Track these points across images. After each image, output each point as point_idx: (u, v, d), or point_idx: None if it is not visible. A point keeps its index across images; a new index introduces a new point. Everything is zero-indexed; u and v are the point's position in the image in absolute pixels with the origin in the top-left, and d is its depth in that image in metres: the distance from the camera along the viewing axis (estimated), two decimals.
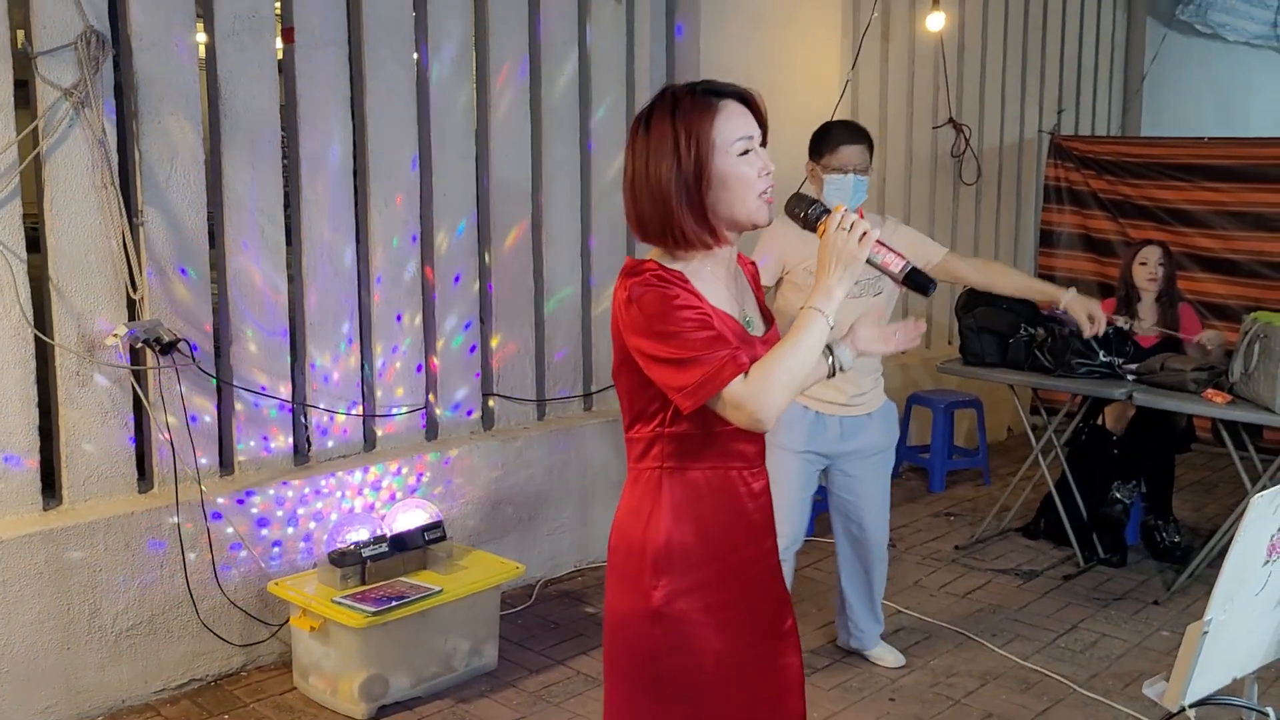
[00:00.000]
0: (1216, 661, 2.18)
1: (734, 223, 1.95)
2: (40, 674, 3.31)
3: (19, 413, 3.30)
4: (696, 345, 1.83)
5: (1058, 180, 6.71)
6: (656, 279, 1.88)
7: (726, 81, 1.97)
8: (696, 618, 1.95)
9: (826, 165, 3.46)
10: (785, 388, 1.81)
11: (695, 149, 1.88)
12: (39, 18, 3.24)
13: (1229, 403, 4.13)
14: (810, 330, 1.84)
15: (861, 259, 1.86)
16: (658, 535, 1.94)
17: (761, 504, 2.04)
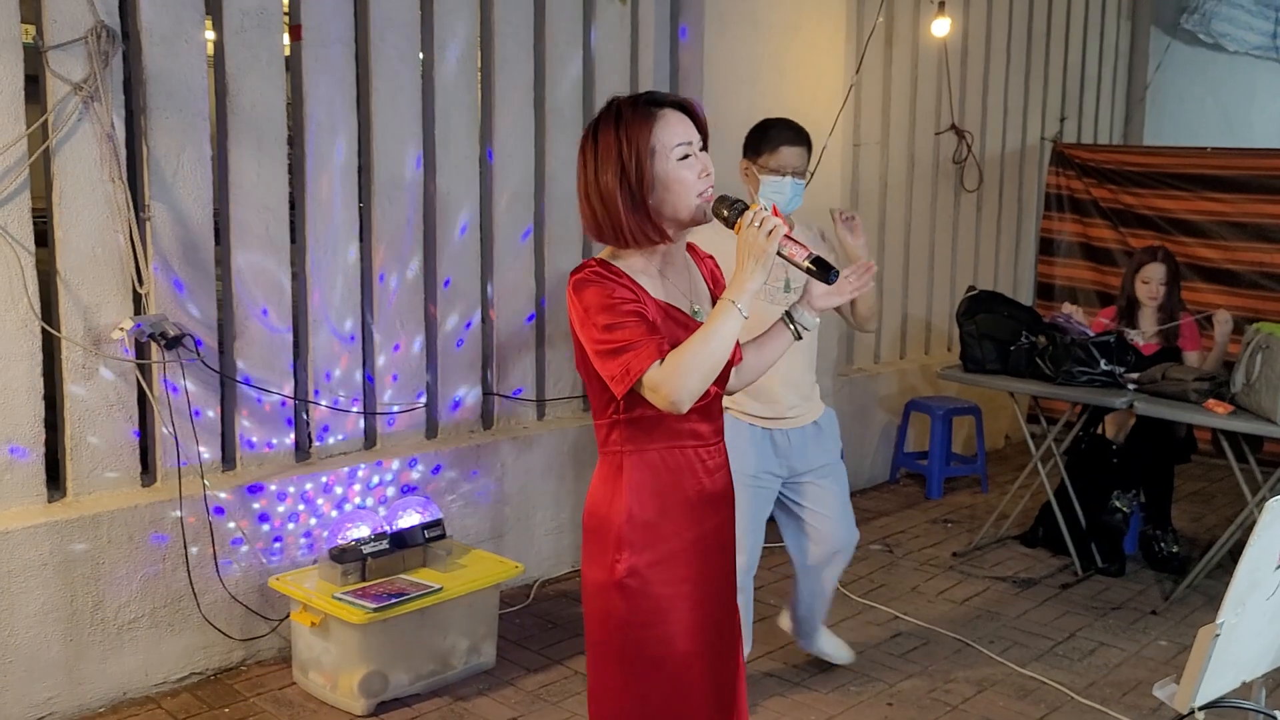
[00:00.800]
0: (1227, 664, 2.19)
1: (677, 221, 2.10)
2: (43, 665, 3.33)
3: (25, 405, 3.31)
4: (626, 335, 1.99)
5: (1059, 188, 6.73)
6: (595, 275, 2.05)
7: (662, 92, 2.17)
8: (661, 590, 2.09)
9: (764, 165, 3.30)
10: (695, 373, 1.96)
11: (637, 156, 2.04)
12: (50, 12, 3.25)
13: (1230, 413, 4.14)
14: (723, 320, 1.98)
15: (771, 252, 1.99)
16: (620, 513, 2.09)
17: (719, 478, 2.18)
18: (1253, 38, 8.55)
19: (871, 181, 5.96)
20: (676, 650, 2.12)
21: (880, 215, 6.06)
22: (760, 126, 3.39)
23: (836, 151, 5.37)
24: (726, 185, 5.20)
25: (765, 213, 2.02)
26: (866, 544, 5.10)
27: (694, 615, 2.13)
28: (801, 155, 3.32)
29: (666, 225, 2.09)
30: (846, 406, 5.74)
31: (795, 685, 3.74)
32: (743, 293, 1.99)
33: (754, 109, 5.06)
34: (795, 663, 3.90)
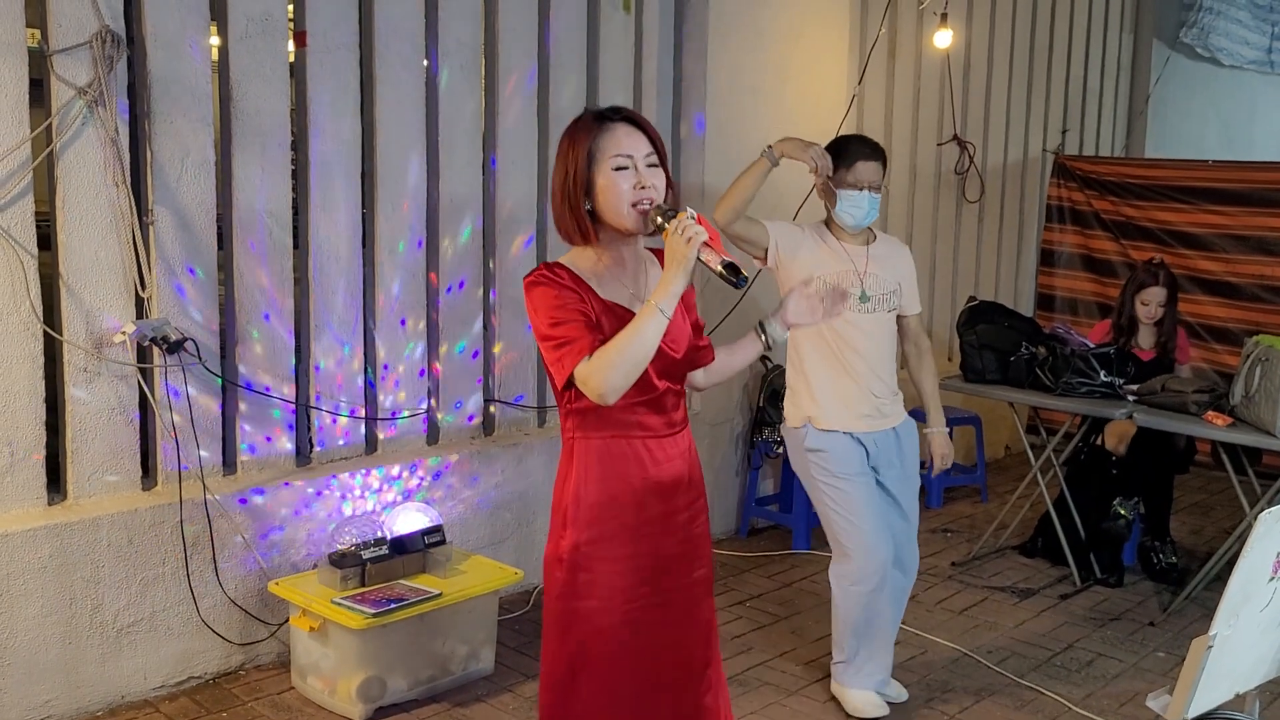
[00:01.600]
0: (1220, 676, 2.19)
1: (615, 227, 2.24)
2: (42, 668, 3.33)
3: (26, 407, 3.32)
4: (564, 332, 2.17)
5: (1060, 200, 6.74)
6: (543, 277, 2.23)
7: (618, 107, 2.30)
8: (601, 565, 2.25)
9: (841, 180, 3.43)
10: (618, 368, 2.11)
11: (578, 161, 2.22)
12: (54, 16, 3.27)
13: (1229, 425, 4.15)
14: (645, 322, 2.12)
15: (691, 258, 2.10)
16: (570, 494, 2.27)
17: (669, 468, 2.30)
18: (1249, 52, 8.58)
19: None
20: (609, 622, 2.25)
21: (882, 225, 6.06)
22: (839, 142, 3.53)
23: None
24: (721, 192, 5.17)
25: (689, 221, 2.11)
26: None
27: (633, 593, 2.26)
28: (877, 170, 3.45)
29: (607, 230, 2.25)
30: None
31: (792, 694, 3.74)
32: (664, 295, 2.12)
33: (757, 118, 5.10)
34: (793, 671, 3.90)
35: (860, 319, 3.47)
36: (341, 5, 3.87)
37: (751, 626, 4.26)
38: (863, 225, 3.50)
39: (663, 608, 2.30)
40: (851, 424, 3.48)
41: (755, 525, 5.34)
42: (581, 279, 2.23)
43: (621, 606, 2.26)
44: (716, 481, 5.21)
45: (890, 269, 3.55)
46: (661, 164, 2.27)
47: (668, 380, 2.29)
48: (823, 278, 3.36)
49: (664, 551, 2.30)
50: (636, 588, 2.27)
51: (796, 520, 5.13)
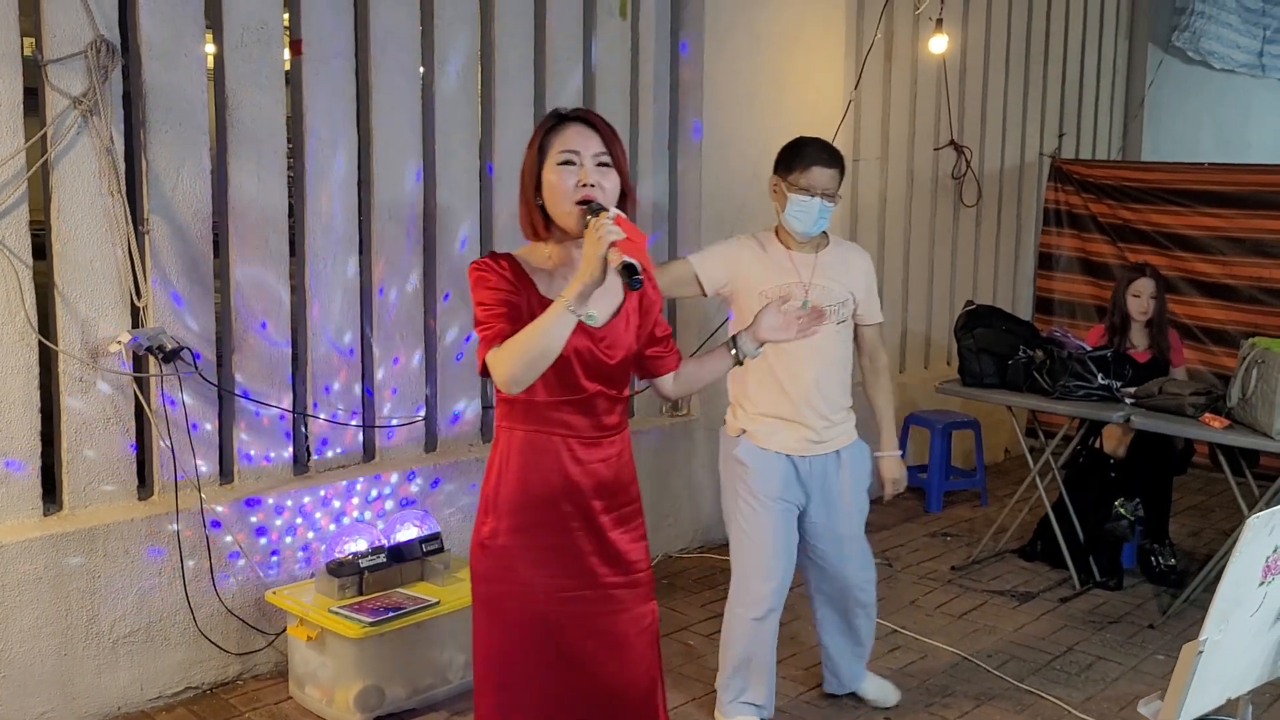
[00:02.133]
0: (1211, 681, 2.18)
1: (560, 225, 2.30)
2: (37, 679, 3.32)
3: (21, 418, 3.31)
4: (487, 318, 2.24)
5: (1057, 204, 6.75)
6: (484, 264, 2.29)
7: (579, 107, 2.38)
8: (514, 553, 2.31)
9: (794, 184, 3.24)
10: (520, 360, 2.16)
11: (531, 156, 2.32)
12: (49, 26, 3.26)
13: (1226, 427, 4.15)
14: (551, 317, 2.15)
15: (600, 257, 2.12)
16: (493, 481, 2.35)
17: (593, 469, 2.33)
18: (1239, 55, 8.60)
19: (870, 196, 5.97)
20: (522, 608, 2.31)
21: (879, 230, 6.07)
22: (794, 145, 3.34)
23: None
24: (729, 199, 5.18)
25: (607, 221, 2.14)
26: None
27: (550, 583, 2.31)
28: (833, 178, 3.26)
29: (556, 229, 2.31)
30: None
31: (792, 699, 3.73)
32: (572, 293, 2.14)
33: (753, 123, 5.10)
34: (792, 676, 3.89)
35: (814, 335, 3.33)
36: (337, 13, 3.87)
37: None
38: (812, 233, 3.28)
39: (584, 604, 2.33)
40: (786, 445, 3.31)
41: None
42: (525, 273, 2.29)
43: (538, 595, 2.31)
44: (715, 487, 5.18)
45: (841, 278, 3.34)
46: (617, 166, 2.30)
47: (600, 384, 2.31)
48: (763, 293, 3.21)
49: (583, 551, 2.34)
50: (554, 579, 2.32)
51: None
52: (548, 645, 2.33)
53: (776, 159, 3.35)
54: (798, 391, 3.30)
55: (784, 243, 3.35)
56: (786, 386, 3.30)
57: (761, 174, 5.15)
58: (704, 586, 4.71)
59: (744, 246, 3.36)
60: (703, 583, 4.76)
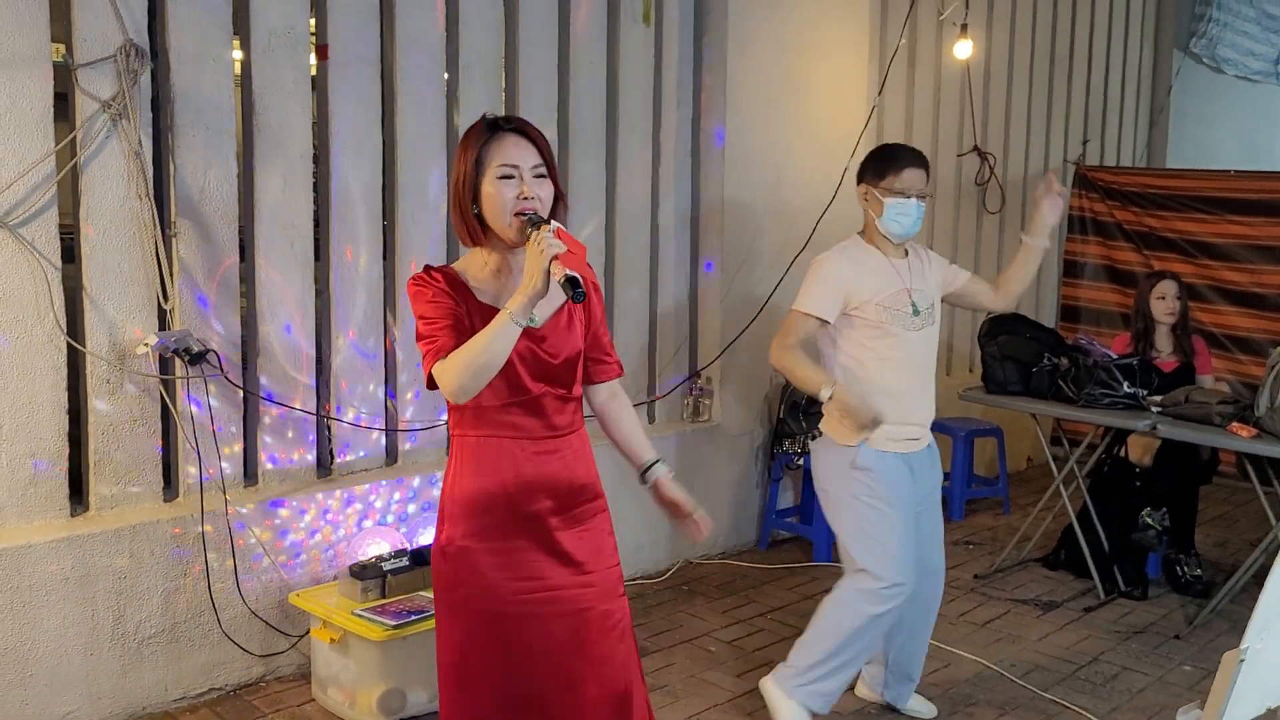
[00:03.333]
0: (1251, 691, 2.16)
1: (504, 236, 2.32)
2: (63, 678, 3.34)
3: (50, 419, 3.34)
4: (429, 331, 2.28)
5: (1082, 211, 6.71)
6: (421, 279, 2.33)
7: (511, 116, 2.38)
8: (473, 558, 2.33)
9: (889, 188, 3.29)
10: (466, 371, 2.20)
11: (466, 166, 2.32)
12: (79, 31, 3.30)
13: (1254, 436, 4.11)
14: (496, 329, 2.18)
15: (543, 269, 2.15)
16: (448, 488, 2.38)
17: (547, 470, 2.35)
18: (1254, 63, 8.55)
19: None
20: (483, 611, 2.34)
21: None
22: (882, 151, 3.42)
23: None
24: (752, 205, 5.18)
25: (548, 234, 2.18)
26: None
27: (509, 585, 2.33)
28: (924, 178, 3.33)
29: (493, 237, 2.34)
30: None
31: None
32: (516, 305, 2.18)
33: (776, 129, 5.09)
34: None
35: (913, 337, 3.35)
36: (363, 19, 3.89)
37: (772, 639, 4.24)
38: (911, 234, 3.36)
39: (547, 604, 2.35)
40: (901, 445, 3.37)
41: (776, 537, 5.32)
42: (462, 282, 2.33)
43: (502, 597, 2.33)
44: (737, 494, 5.19)
45: (929, 279, 3.44)
46: (550, 175, 2.34)
47: (545, 384, 2.35)
48: (880, 304, 3.30)
49: (542, 552, 2.36)
50: (516, 581, 2.34)
51: (817, 532, 5.10)
52: (509, 646, 2.34)
53: (862, 167, 3.41)
54: (910, 392, 3.36)
55: (881, 249, 3.38)
56: (900, 389, 3.35)
57: (784, 180, 5.18)
58: (725, 593, 4.70)
59: (840, 267, 3.34)
60: (723, 589, 4.75)
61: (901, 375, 3.36)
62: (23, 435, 3.30)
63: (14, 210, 3.23)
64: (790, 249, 5.10)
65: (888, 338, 3.32)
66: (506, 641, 2.34)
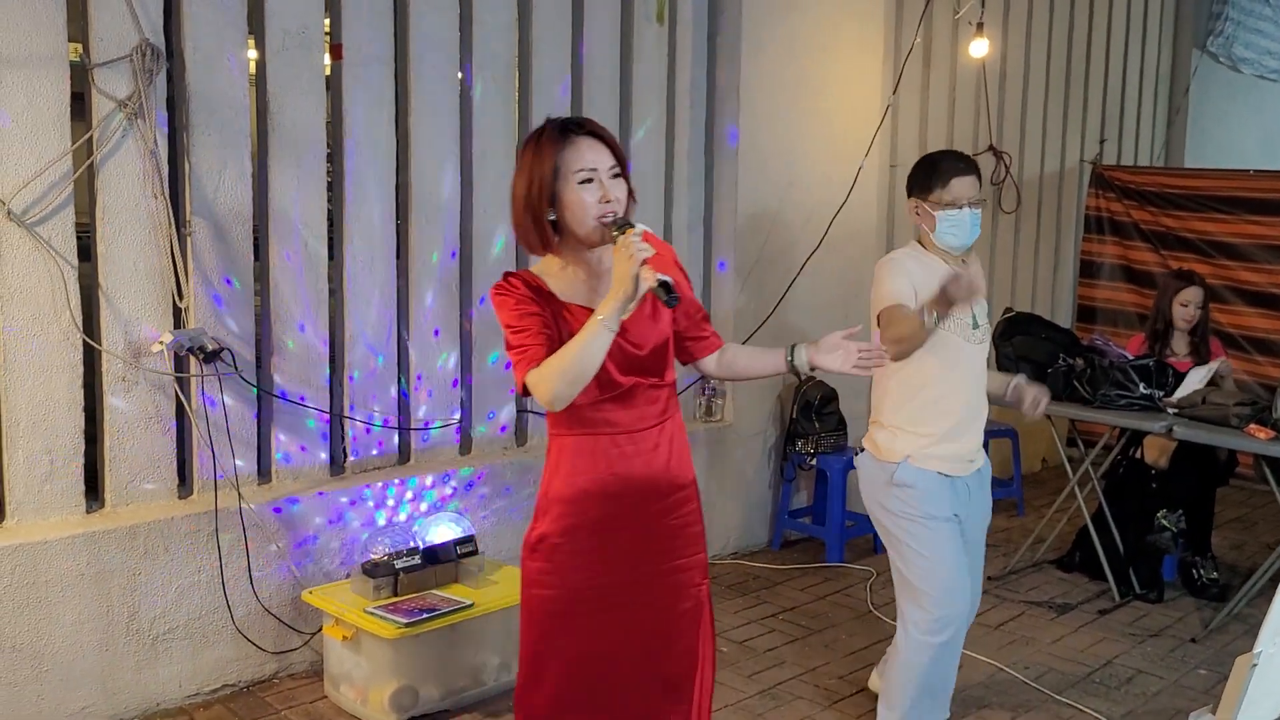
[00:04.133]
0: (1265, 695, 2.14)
1: (582, 239, 2.31)
2: (79, 674, 3.36)
3: (65, 416, 3.36)
4: (520, 340, 2.28)
5: (1099, 210, 6.67)
6: (503, 287, 2.32)
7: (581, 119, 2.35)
8: (562, 557, 2.36)
9: (938, 201, 3.15)
10: (561, 378, 2.21)
11: (542, 173, 2.28)
12: (96, 31, 3.32)
13: (1272, 438, 4.08)
14: (589, 336, 2.19)
15: (632, 275, 2.17)
16: (545, 486, 2.41)
17: (639, 464, 2.36)
18: (1270, 61, 8.47)
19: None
20: (569, 609, 2.37)
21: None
22: (926, 162, 3.28)
23: (873, 172, 5.36)
24: (765, 205, 5.18)
25: (635, 238, 2.18)
26: None
27: (595, 581, 2.37)
28: (974, 184, 3.19)
29: (569, 238, 2.33)
30: None
31: (825, 708, 3.71)
32: (607, 312, 2.19)
33: (790, 129, 5.09)
34: (825, 685, 3.86)
35: (972, 350, 3.22)
36: (377, 18, 3.90)
37: (784, 640, 4.23)
38: (968, 244, 3.21)
39: (631, 596, 2.39)
40: (946, 466, 3.19)
41: (788, 537, 5.31)
42: (543, 286, 2.33)
43: (584, 596, 2.36)
44: (750, 494, 5.19)
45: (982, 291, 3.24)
46: (623, 174, 2.33)
47: (635, 376, 2.35)
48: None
49: (634, 544, 2.39)
50: (601, 577, 2.37)
51: (829, 533, 5.10)
52: (589, 642, 2.38)
53: (909, 182, 3.28)
54: (962, 412, 3.21)
55: (941, 258, 3.23)
56: (951, 407, 3.20)
57: (798, 180, 5.17)
58: (737, 593, 4.70)
59: (908, 266, 3.19)
60: (736, 589, 4.75)
61: (958, 388, 3.21)
62: (39, 432, 3.32)
63: (31, 209, 3.26)
64: (804, 249, 5.09)
65: (948, 348, 3.15)
66: (582, 639, 2.38)
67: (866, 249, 5.45)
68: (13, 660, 3.25)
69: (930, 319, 2.97)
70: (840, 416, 5.21)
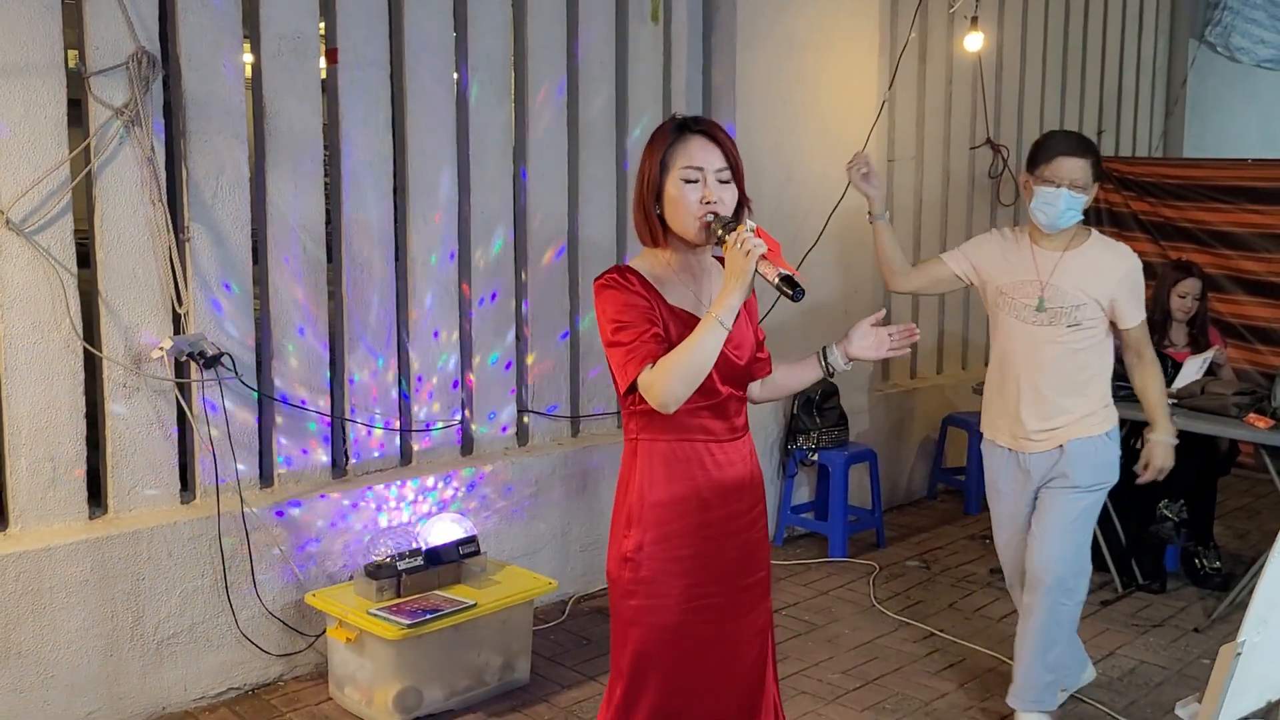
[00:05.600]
0: (1250, 683, 2.15)
1: (685, 237, 2.29)
2: (84, 680, 3.38)
3: (67, 423, 3.38)
4: (628, 337, 2.22)
5: (1097, 202, 6.63)
6: (612, 280, 2.28)
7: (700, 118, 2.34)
8: (661, 565, 2.31)
9: (1039, 176, 3.22)
10: (679, 379, 2.17)
11: (651, 169, 2.29)
12: (92, 38, 3.33)
13: (1272, 427, 4.08)
14: (704, 334, 2.17)
15: (750, 270, 2.14)
16: (633, 495, 2.33)
17: (730, 472, 2.35)
18: (1264, 50, 8.46)
19: (906, 197, 5.94)
20: (667, 622, 2.32)
21: (916, 230, 6.04)
22: (1041, 139, 3.36)
23: None
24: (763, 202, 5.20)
25: (748, 234, 2.15)
26: (903, 560, 5.07)
27: (692, 592, 2.32)
28: (1083, 168, 3.21)
29: (674, 238, 2.31)
30: (883, 422, 5.71)
31: (829, 702, 3.72)
32: (723, 308, 2.16)
33: (787, 126, 5.09)
34: (829, 680, 3.87)
35: (1032, 330, 3.30)
36: (372, 22, 3.91)
37: (788, 635, 4.24)
38: (1058, 225, 3.24)
39: (720, 609, 2.36)
40: (1004, 439, 3.42)
41: (791, 533, 5.32)
42: (650, 284, 2.29)
43: (679, 606, 2.32)
44: None
45: (1084, 281, 3.25)
46: (736, 180, 2.30)
47: (731, 386, 2.34)
48: (1000, 288, 3.33)
49: (725, 555, 2.36)
50: (695, 588, 2.33)
51: (832, 528, 5.10)
52: (685, 654, 2.35)
53: (1028, 156, 3.38)
54: (1022, 384, 3.35)
55: (1034, 239, 3.32)
56: (1006, 389, 3.39)
57: (795, 177, 5.18)
58: None
59: (990, 241, 3.45)
60: None
61: (1008, 365, 3.37)
62: (41, 439, 3.34)
63: (30, 217, 3.27)
64: (801, 245, 5.10)
65: (1002, 325, 3.38)
66: (677, 652, 2.34)
67: (864, 244, 5.45)
68: (18, 667, 3.27)
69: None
70: (841, 411, 5.22)
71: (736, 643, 2.40)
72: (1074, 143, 3.26)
